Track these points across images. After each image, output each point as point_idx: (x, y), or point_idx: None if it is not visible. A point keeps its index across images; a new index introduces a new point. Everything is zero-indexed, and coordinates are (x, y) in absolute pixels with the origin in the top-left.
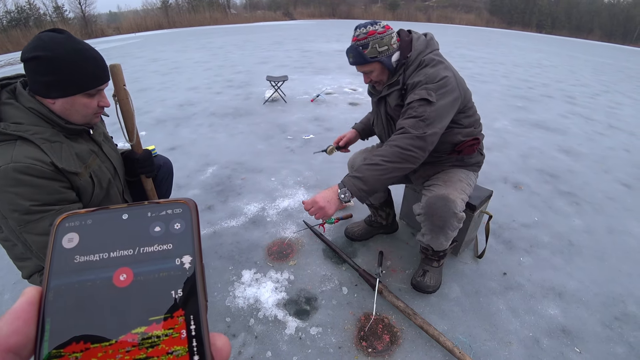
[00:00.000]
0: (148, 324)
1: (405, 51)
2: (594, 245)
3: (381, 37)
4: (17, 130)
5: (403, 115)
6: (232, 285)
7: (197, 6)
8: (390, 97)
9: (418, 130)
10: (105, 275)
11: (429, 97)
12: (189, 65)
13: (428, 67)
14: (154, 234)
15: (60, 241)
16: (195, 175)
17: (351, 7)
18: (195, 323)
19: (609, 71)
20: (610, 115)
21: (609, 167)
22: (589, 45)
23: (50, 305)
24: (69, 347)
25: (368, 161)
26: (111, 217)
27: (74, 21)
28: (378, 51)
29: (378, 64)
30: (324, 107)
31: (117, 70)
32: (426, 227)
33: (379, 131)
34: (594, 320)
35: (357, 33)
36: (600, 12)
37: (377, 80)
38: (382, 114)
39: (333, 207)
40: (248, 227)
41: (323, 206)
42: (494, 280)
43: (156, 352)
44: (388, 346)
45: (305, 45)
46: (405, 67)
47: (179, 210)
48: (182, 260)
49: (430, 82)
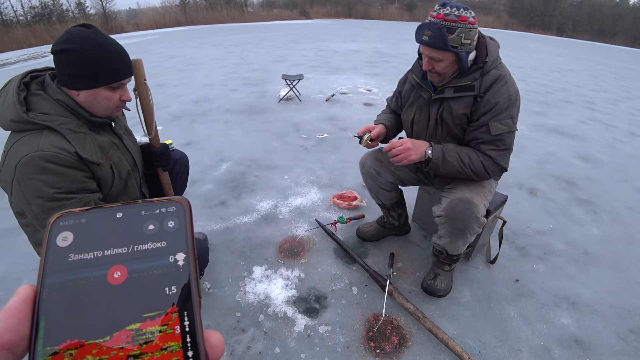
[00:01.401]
0: (142, 320)
1: (482, 54)
2: (611, 255)
3: (470, 28)
4: (44, 120)
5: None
6: (243, 281)
7: (215, 4)
8: (456, 102)
9: (505, 163)
10: (100, 273)
11: (514, 128)
12: (205, 62)
13: (507, 86)
14: (147, 232)
15: (55, 240)
16: (210, 171)
17: (368, 8)
18: (189, 319)
19: (632, 77)
20: (632, 123)
21: (629, 176)
22: (611, 50)
23: (44, 303)
24: (64, 345)
25: (460, 152)
26: (105, 215)
27: (94, 17)
28: (462, 42)
29: (454, 56)
30: (339, 107)
31: (139, 65)
32: (445, 230)
33: (416, 130)
34: (609, 332)
35: (446, 12)
36: (624, 16)
37: (441, 72)
38: (433, 115)
39: (418, 155)
40: (260, 224)
41: (410, 147)
42: (505, 287)
43: (150, 348)
44: (396, 348)
45: (321, 45)
46: (483, 73)
47: (172, 209)
48: (176, 258)
49: (512, 106)
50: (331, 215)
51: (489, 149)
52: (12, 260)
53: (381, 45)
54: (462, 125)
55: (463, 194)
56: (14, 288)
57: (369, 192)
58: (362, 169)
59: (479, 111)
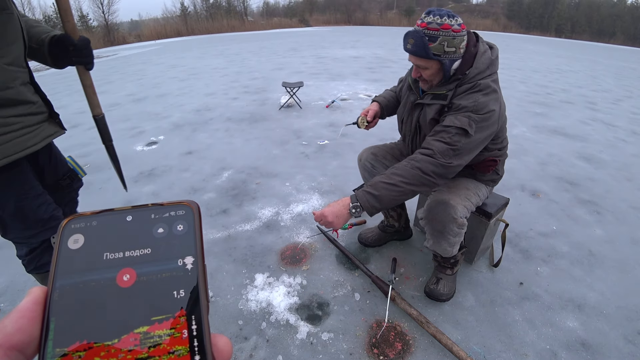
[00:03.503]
0: (150, 323)
1: (466, 65)
2: (616, 256)
3: (454, 35)
4: None
5: (435, 135)
6: (245, 289)
7: (215, 14)
8: (430, 107)
9: (445, 159)
10: (109, 275)
11: (469, 129)
12: (206, 71)
13: (480, 94)
14: (157, 235)
15: (66, 242)
16: (211, 179)
17: (366, 14)
18: (196, 323)
19: (633, 76)
20: (634, 122)
21: (633, 175)
22: (611, 50)
23: (55, 304)
24: (73, 346)
25: (385, 179)
26: (116, 219)
27: (97, 29)
28: (444, 50)
29: (437, 64)
30: (339, 113)
31: None
32: (428, 232)
33: (404, 130)
34: (616, 334)
35: (429, 20)
36: (622, 16)
37: (428, 79)
38: (414, 119)
39: (341, 221)
40: (262, 231)
41: (331, 221)
42: (509, 290)
43: (158, 351)
44: (400, 354)
45: (320, 52)
46: (459, 84)
47: (182, 212)
48: (185, 261)
49: (476, 112)
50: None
51: (433, 139)
52: (15, 271)
53: (381, 50)
54: None
55: (442, 196)
56: (17, 300)
57: None
58: (359, 163)
59: (444, 114)
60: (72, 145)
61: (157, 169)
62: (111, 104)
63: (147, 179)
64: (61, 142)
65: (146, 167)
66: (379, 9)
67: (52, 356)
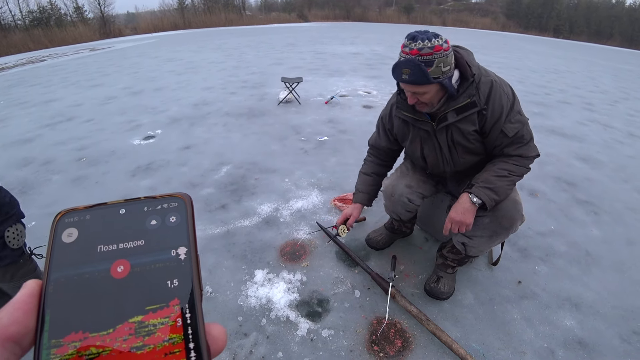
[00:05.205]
0: (145, 313)
1: (466, 70)
2: (613, 256)
3: (446, 55)
4: None
5: (511, 146)
6: (245, 285)
7: (213, 7)
8: (462, 122)
9: (534, 153)
10: (103, 267)
11: (524, 120)
12: (204, 65)
13: (501, 87)
14: (150, 227)
15: (60, 236)
16: (210, 174)
17: (365, 10)
18: (190, 311)
19: (630, 78)
20: (631, 123)
21: (629, 177)
22: (608, 51)
23: (50, 297)
24: (68, 337)
25: (495, 173)
26: (109, 212)
27: (93, 21)
28: (442, 71)
29: (437, 86)
30: (338, 109)
31: None
32: (488, 229)
33: (432, 161)
34: (612, 333)
35: (420, 46)
36: (620, 17)
37: (427, 102)
38: (444, 142)
39: (471, 215)
40: (261, 227)
41: (461, 219)
42: (508, 289)
43: (152, 340)
44: (400, 351)
45: (319, 47)
46: (477, 86)
47: (174, 204)
48: (178, 252)
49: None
50: (332, 218)
51: (513, 149)
52: None
53: (379, 47)
54: (477, 139)
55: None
56: None
57: (387, 212)
58: (390, 198)
59: (488, 123)
60: (68, 138)
61: (155, 163)
62: (107, 97)
63: (144, 173)
64: (58, 136)
65: (143, 161)
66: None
67: (48, 347)
